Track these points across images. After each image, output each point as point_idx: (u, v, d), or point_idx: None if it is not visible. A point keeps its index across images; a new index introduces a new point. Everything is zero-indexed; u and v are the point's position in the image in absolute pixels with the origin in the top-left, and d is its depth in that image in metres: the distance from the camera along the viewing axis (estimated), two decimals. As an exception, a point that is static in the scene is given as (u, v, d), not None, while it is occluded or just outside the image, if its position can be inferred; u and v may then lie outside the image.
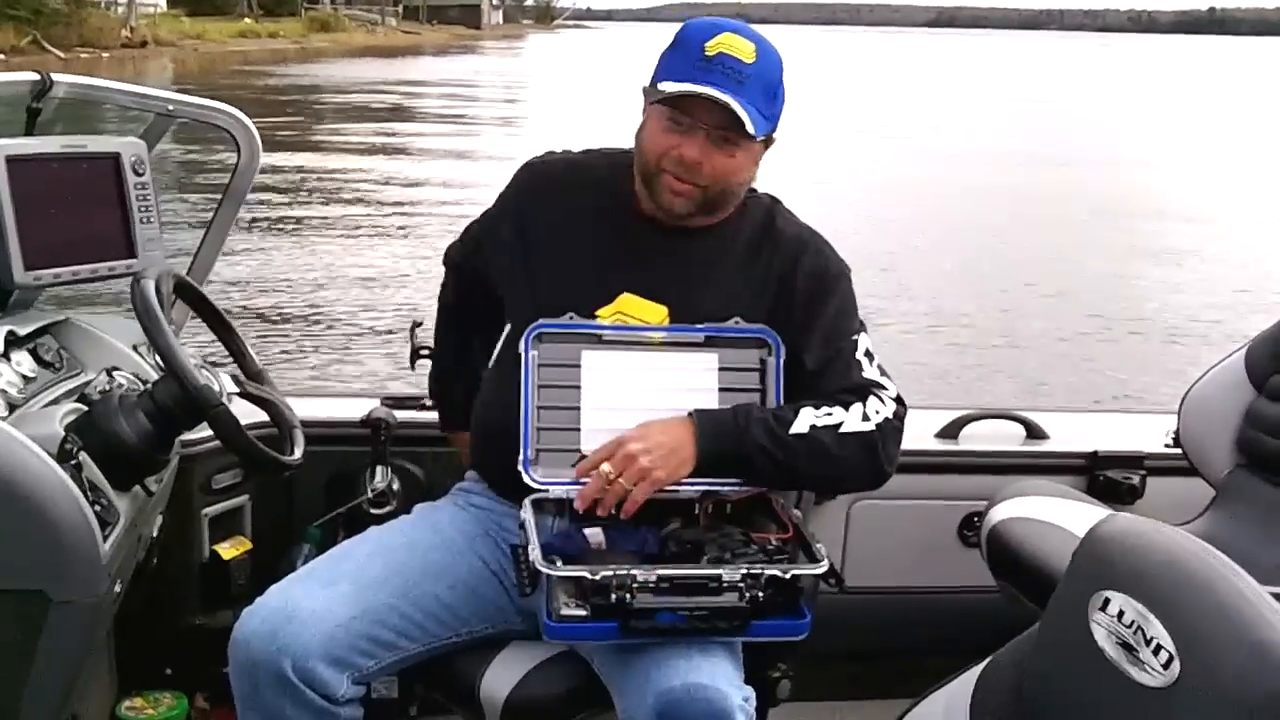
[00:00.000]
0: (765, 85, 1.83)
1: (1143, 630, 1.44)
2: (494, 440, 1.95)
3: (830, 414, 1.85)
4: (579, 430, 1.88)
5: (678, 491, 1.85)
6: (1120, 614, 1.48)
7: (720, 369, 1.90)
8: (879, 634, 2.62)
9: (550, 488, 1.86)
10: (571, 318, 1.87)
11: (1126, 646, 1.46)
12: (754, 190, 2.00)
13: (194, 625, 2.57)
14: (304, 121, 19.15)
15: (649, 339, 1.90)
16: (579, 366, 1.89)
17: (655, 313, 1.91)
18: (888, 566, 2.67)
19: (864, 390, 1.90)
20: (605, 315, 1.91)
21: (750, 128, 1.78)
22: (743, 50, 1.80)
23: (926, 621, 2.65)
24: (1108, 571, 1.52)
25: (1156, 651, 1.42)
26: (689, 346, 1.91)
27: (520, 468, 1.86)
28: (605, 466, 1.77)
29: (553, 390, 1.88)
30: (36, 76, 2.10)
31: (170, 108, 2.31)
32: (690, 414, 1.83)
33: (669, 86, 1.80)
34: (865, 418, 1.87)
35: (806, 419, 1.84)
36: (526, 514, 1.81)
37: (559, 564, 1.71)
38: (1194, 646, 1.40)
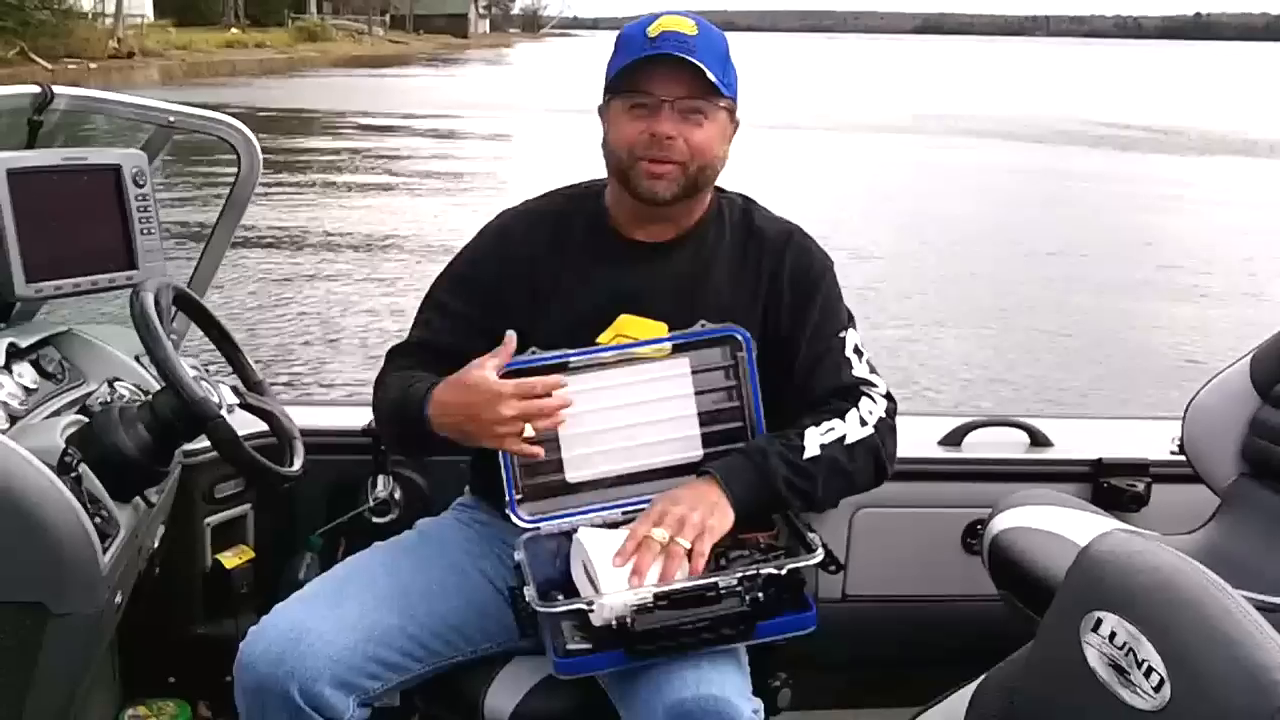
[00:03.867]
0: (715, 53, 1.84)
1: (1134, 652, 1.43)
2: (489, 468, 1.92)
3: (832, 428, 1.85)
4: (561, 459, 1.86)
5: None
6: (1112, 635, 1.46)
7: (693, 372, 1.88)
8: (881, 643, 2.62)
9: (541, 525, 1.85)
10: (534, 352, 1.81)
11: (1118, 668, 1.45)
12: (725, 191, 2.01)
13: (197, 634, 2.58)
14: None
15: (616, 358, 1.86)
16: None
17: (655, 329, 1.90)
18: (890, 575, 2.66)
19: (855, 391, 1.91)
20: (605, 340, 1.90)
21: (712, 77, 1.80)
22: (684, 25, 1.83)
23: (929, 630, 2.65)
24: (1100, 591, 1.51)
25: (1148, 674, 1.41)
26: (659, 358, 1.88)
27: (509, 510, 1.84)
28: (657, 532, 1.70)
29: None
30: (38, 89, 2.10)
31: (171, 119, 2.31)
32: (703, 471, 1.81)
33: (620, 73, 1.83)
34: (863, 422, 1.87)
35: (814, 439, 1.83)
36: (520, 555, 1.79)
37: (560, 598, 1.72)
38: (1185, 669, 1.38)
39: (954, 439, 2.75)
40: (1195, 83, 56.18)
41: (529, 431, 1.70)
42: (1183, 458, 2.56)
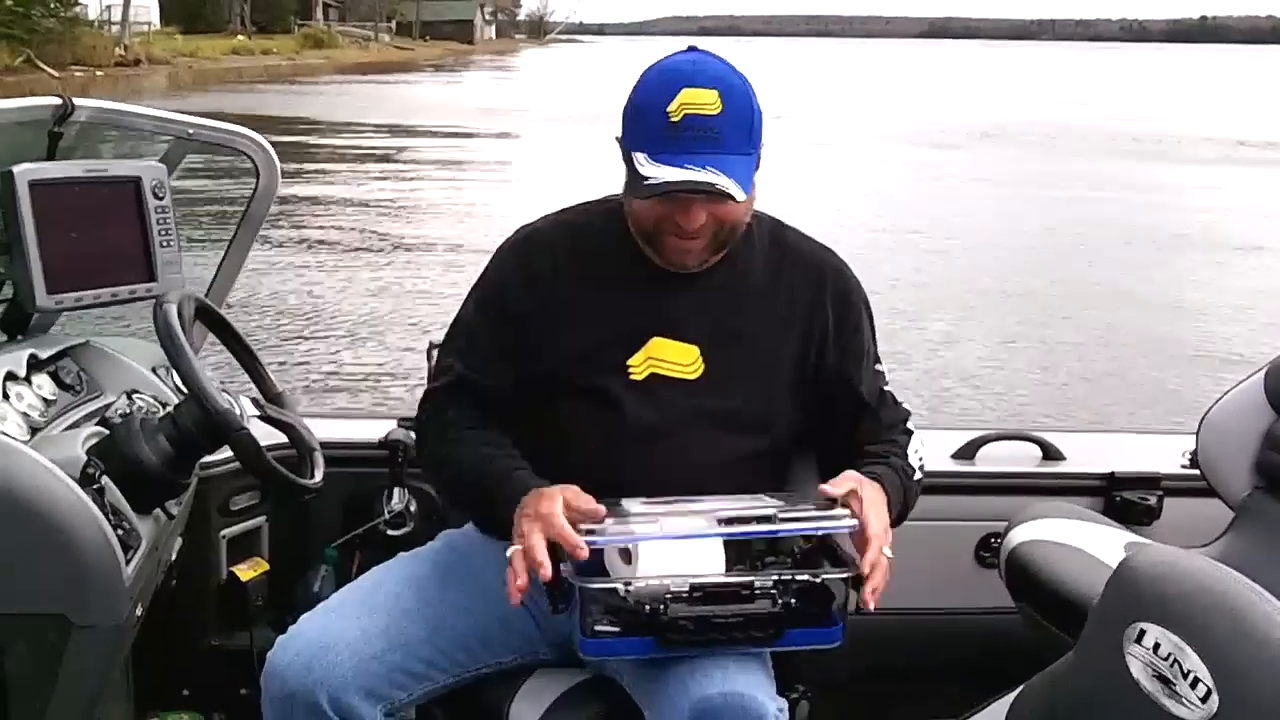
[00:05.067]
0: (739, 126, 1.75)
1: (1179, 663, 1.44)
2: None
3: (916, 449, 1.95)
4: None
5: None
6: (1156, 646, 1.47)
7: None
8: (896, 655, 2.61)
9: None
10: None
11: (1163, 679, 1.45)
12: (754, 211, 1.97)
13: (212, 646, 2.59)
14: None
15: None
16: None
17: (687, 354, 1.88)
18: (904, 588, 2.63)
19: (909, 416, 1.99)
20: (637, 363, 1.87)
21: (739, 195, 1.73)
22: (706, 102, 1.72)
23: (943, 643, 2.65)
24: (1141, 603, 1.52)
25: (1194, 685, 1.41)
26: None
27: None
28: (888, 551, 1.73)
29: None
30: (59, 101, 2.11)
31: (190, 132, 2.32)
32: (870, 476, 1.80)
33: (645, 166, 1.73)
34: (916, 451, 1.96)
35: (914, 462, 1.92)
36: None
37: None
38: (1232, 680, 1.39)
39: (967, 452, 2.76)
40: (1217, 87, 55.98)
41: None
42: (1194, 471, 2.56)
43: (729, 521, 1.68)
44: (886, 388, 1.99)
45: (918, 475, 1.93)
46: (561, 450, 1.88)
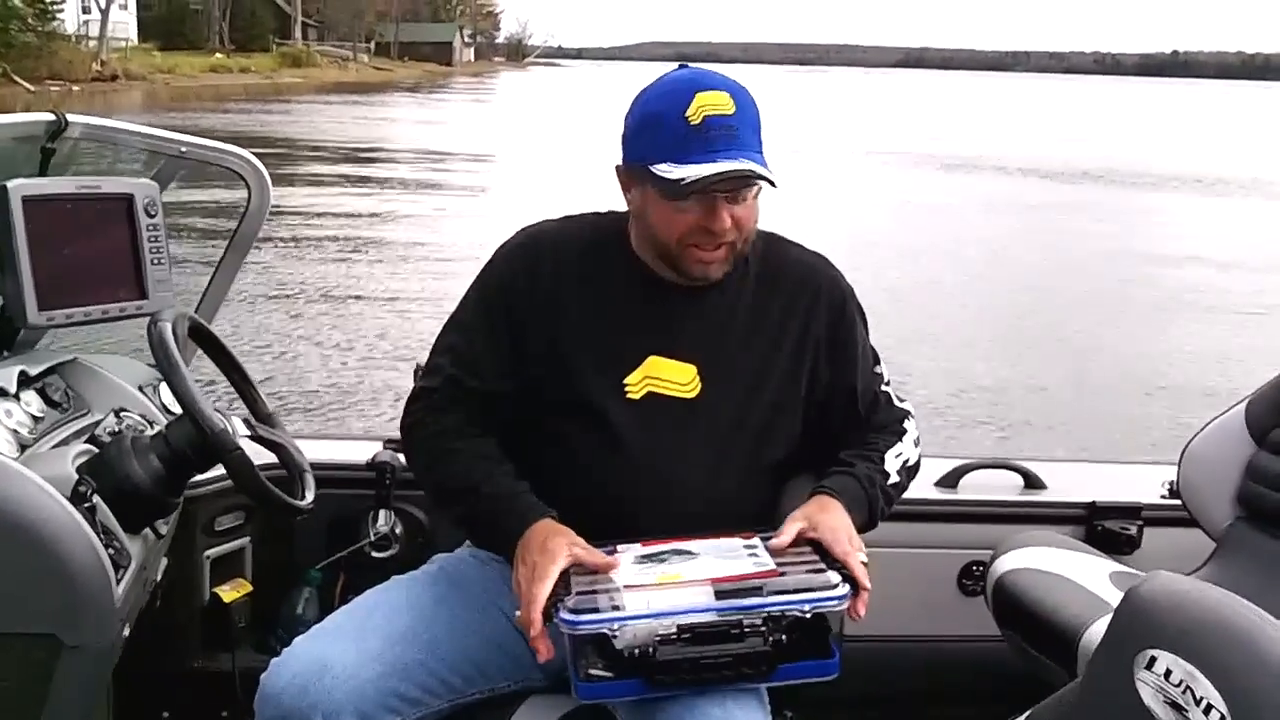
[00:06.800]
0: (752, 126, 1.78)
1: (1191, 690, 1.44)
2: None
3: (900, 452, 1.95)
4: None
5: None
6: (1167, 673, 1.47)
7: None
8: (879, 683, 2.61)
9: (580, 627, 1.68)
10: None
11: (1175, 706, 1.46)
12: None
13: (193, 669, 2.56)
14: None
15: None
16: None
17: (684, 373, 1.87)
18: (887, 615, 2.64)
19: (906, 415, 2.00)
20: (634, 382, 1.86)
21: (775, 181, 1.75)
22: (723, 104, 1.75)
23: (926, 671, 2.65)
24: (1152, 630, 1.52)
25: (1207, 711, 1.42)
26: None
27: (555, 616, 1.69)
28: (863, 557, 1.75)
29: None
30: (52, 117, 2.10)
31: (182, 150, 2.31)
32: (826, 490, 1.83)
33: (674, 171, 1.73)
34: (916, 443, 1.98)
35: (892, 465, 1.92)
36: None
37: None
38: (1246, 705, 1.40)
39: (950, 481, 2.77)
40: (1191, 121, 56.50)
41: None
42: (1174, 502, 2.59)
43: (719, 595, 1.67)
44: (885, 388, 2.00)
45: (893, 479, 1.92)
46: (557, 469, 1.87)
